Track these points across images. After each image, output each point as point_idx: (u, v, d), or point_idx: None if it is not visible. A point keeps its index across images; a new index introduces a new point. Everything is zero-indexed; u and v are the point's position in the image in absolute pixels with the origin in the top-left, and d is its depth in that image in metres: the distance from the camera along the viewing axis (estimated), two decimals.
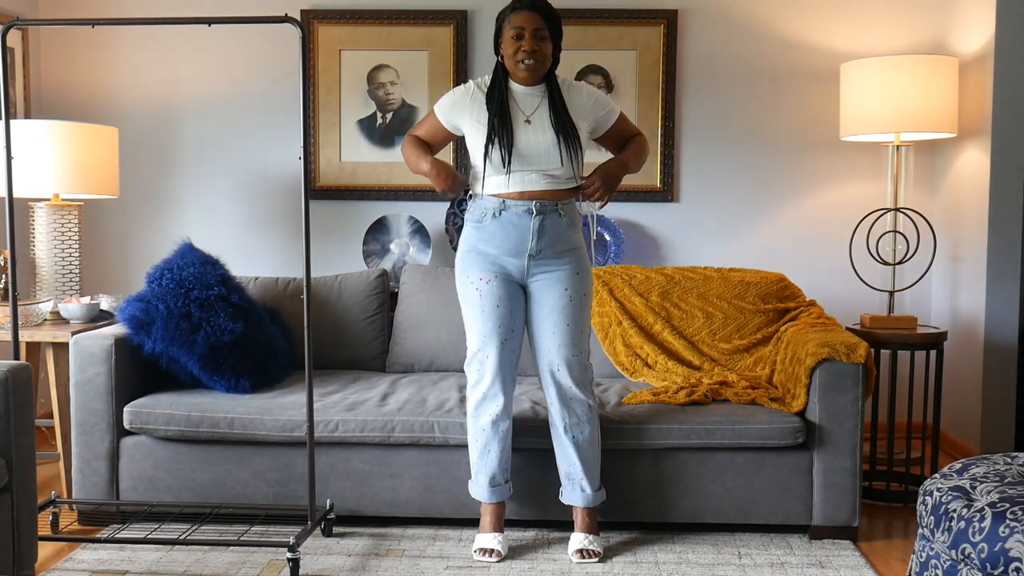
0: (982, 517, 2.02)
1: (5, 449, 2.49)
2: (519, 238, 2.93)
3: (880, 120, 3.73)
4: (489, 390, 2.97)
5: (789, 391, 3.25)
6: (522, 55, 2.89)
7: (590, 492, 3.01)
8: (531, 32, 2.88)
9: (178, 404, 3.21)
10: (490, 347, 2.95)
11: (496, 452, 3.00)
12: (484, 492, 3.04)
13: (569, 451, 2.99)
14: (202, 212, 4.56)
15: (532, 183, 2.92)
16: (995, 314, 3.92)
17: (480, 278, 2.96)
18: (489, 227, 2.95)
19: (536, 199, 2.92)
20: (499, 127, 2.90)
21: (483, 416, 2.99)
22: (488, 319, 2.95)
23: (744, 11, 4.41)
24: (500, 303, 2.95)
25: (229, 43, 4.49)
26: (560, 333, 2.95)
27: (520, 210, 2.92)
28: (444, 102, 3.05)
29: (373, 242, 4.39)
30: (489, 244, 2.96)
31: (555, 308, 2.95)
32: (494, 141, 2.90)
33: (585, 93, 3.02)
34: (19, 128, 3.64)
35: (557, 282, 2.96)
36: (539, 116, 2.94)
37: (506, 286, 2.96)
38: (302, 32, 2.85)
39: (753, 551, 3.08)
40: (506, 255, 2.95)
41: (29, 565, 2.59)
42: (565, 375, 2.95)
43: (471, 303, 2.98)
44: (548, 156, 2.91)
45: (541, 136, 2.91)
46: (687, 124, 4.46)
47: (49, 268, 3.75)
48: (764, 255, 4.45)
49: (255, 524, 3.21)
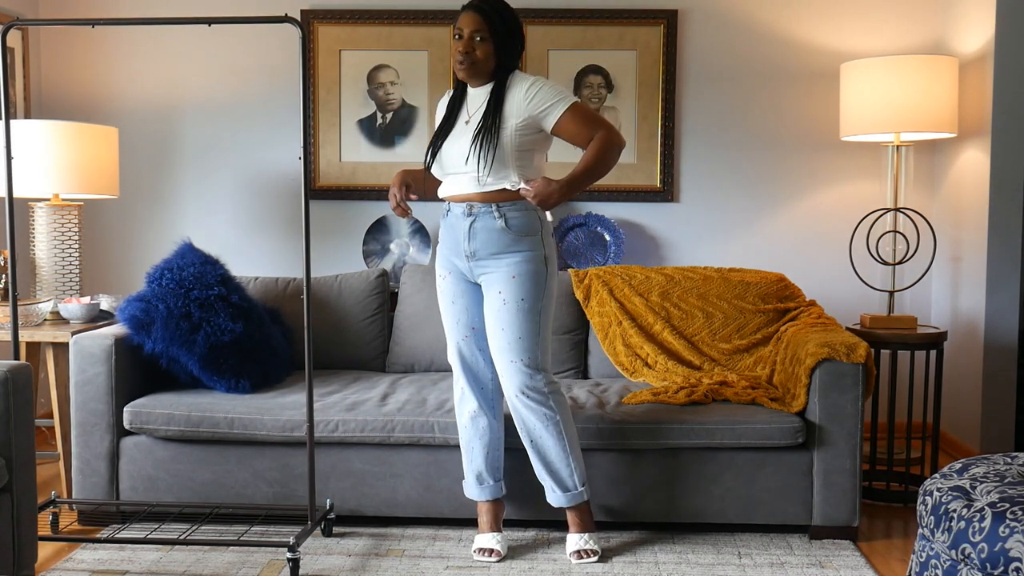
0: (982, 517, 2.02)
1: (5, 449, 2.49)
2: (456, 239, 2.97)
3: (880, 120, 3.73)
4: (463, 387, 3.04)
5: (789, 391, 3.25)
6: (457, 56, 2.90)
7: (560, 492, 2.98)
8: (468, 34, 2.87)
9: (178, 404, 3.21)
10: (452, 343, 3.04)
11: (479, 449, 3.01)
12: (472, 490, 3.05)
13: (531, 456, 2.98)
14: (202, 212, 4.56)
15: (463, 186, 2.93)
16: (995, 314, 3.92)
17: (440, 275, 3.06)
18: (442, 228, 3.04)
19: (467, 201, 2.94)
20: (437, 131, 3.00)
21: (463, 414, 3.05)
22: (448, 314, 3.05)
23: (744, 11, 4.41)
24: (455, 299, 3.02)
25: (229, 43, 4.49)
26: (495, 337, 2.92)
27: (457, 212, 2.96)
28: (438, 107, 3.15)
29: (373, 242, 4.39)
30: (443, 244, 3.04)
31: (490, 311, 2.94)
32: (430, 146, 3.00)
33: (525, 89, 2.86)
34: (19, 128, 3.64)
35: (492, 284, 2.94)
36: (476, 117, 2.93)
37: (460, 283, 3.02)
38: (302, 32, 2.85)
39: (753, 551, 3.08)
40: (452, 255, 3.01)
41: (29, 565, 2.59)
42: (507, 381, 2.93)
43: (439, 299, 3.09)
44: (459, 159, 2.91)
45: (463, 140, 2.91)
46: (687, 124, 4.46)
47: (49, 268, 3.75)
48: (764, 255, 4.44)
49: (255, 524, 3.21)
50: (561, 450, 2.95)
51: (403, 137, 4.48)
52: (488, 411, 3.02)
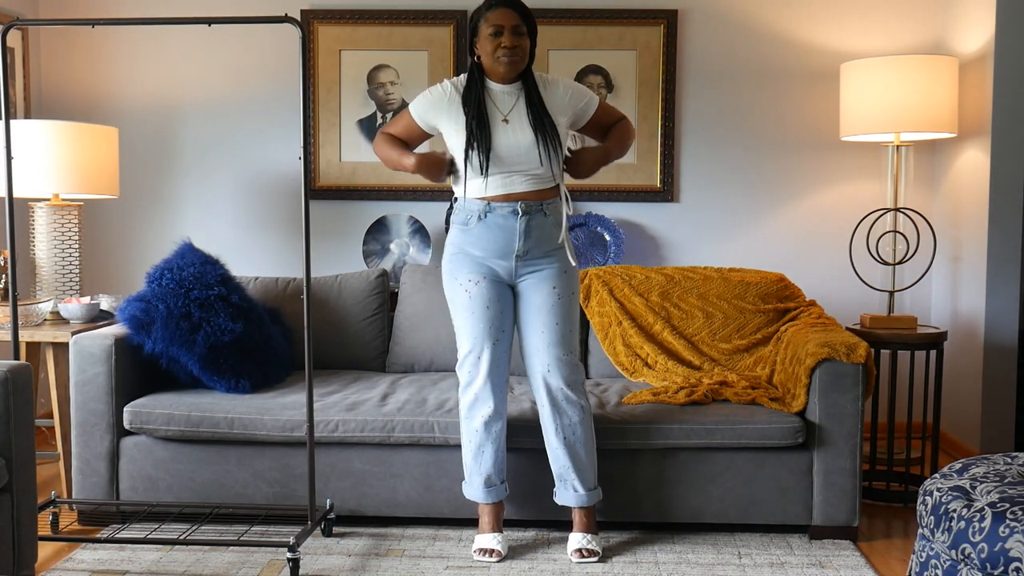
0: (982, 517, 2.02)
1: (5, 449, 2.49)
2: (506, 240, 2.93)
3: (880, 120, 3.73)
4: (481, 391, 2.96)
5: (789, 391, 3.25)
6: (502, 52, 2.86)
7: (583, 492, 3.00)
8: (510, 28, 2.86)
9: (178, 404, 3.21)
10: (481, 349, 2.95)
11: (490, 453, 2.99)
12: (480, 493, 3.03)
13: (560, 452, 2.98)
14: (202, 212, 4.56)
15: (515, 185, 2.91)
16: (995, 314, 3.92)
17: (469, 279, 2.96)
18: (475, 230, 2.94)
19: (521, 200, 2.91)
20: (477, 130, 2.89)
21: (475, 418, 2.98)
22: (479, 320, 2.95)
23: (744, 11, 4.41)
24: (490, 304, 2.95)
25: (229, 43, 4.49)
26: (549, 332, 2.95)
27: (505, 211, 2.91)
28: (420, 102, 3.02)
29: (373, 242, 4.39)
30: (476, 247, 2.95)
31: (543, 307, 2.95)
32: (473, 145, 2.89)
33: (562, 87, 2.99)
34: (19, 128, 3.64)
35: (545, 281, 2.96)
36: (516, 115, 2.92)
37: (495, 287, 2.96)
38: (302, 32, 2.85)
39: (753, 551, 3.08)
40: (494, 257, 2.95)
41: (29, 565, 2.59)
42: (556, 375, 2.94)
43: (461, 305, 2.98)
44: (528, 157, 2.90)
45: (520, 136, 2.89)
46: (687, 124, 4.46)
47: (49, 268, 3.75)
48: (764, 255, 4.45)
49: (255, 524, 3.21)
50: (591, 445, 3.01)
51: None
52: (502, 414, 3.01)
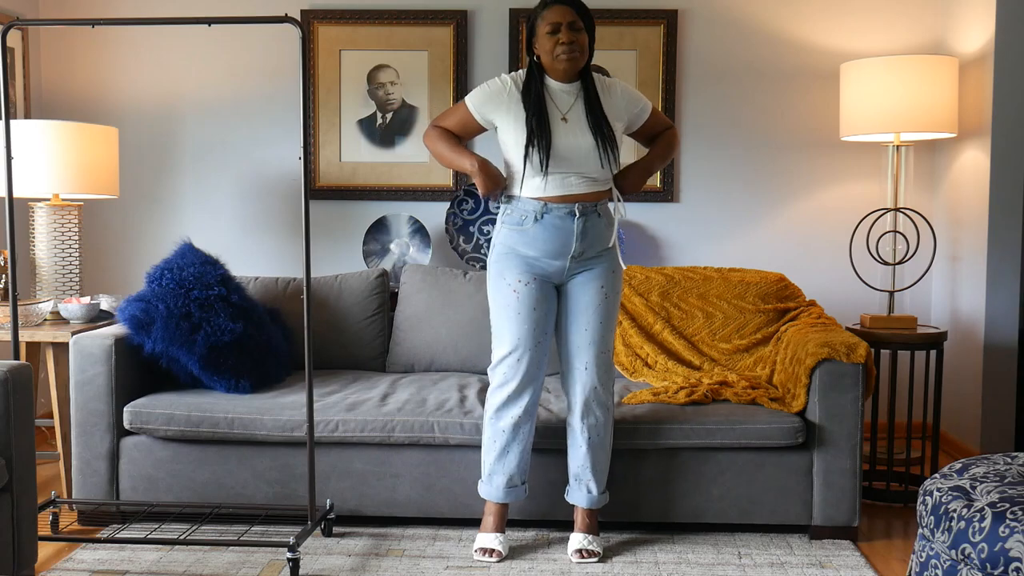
0: (982, 517, 2.02)
1: (5, 449, 2.49)
2: (563, 240, 2.91)
3: (880, 120, 3.73)
4: (515, 393, 2.94)
5: (789, 391, 3.25)
6: (560, 48, 2.84)
7: (596, 494, 3.02)
8: (567, 24, 2.85)
9: (178, 404, 3.21)
10: (525, 349, 2.93)
11: (516, 454, 2.98)
12: (500, 493, 3.01)
13: (582, 451, 2.99)
14: (202, 212, 4.56)
15: (572, 186, 2.89)
16: (995, 314, 3.92)
17: (518, 280, 2.93)
18: (531, 230, 2.91)
19: (578, 201, 2.90)
20: (537, 128, 2.86)
21: (505, 418, 2.96)
22: (525, 321, 2.93)
23: (744, 11, 4.41)
24: (537, 306, 2.93)
25: (229, 43, 4.49)
26: (592, 330, 2.96)
27: (562, 212, 2.89)
28: (478, 95, 2.96)
29: (373, 242, 4.39)
30: (531, 247, 2.93)
31: (590, 305, 2.96)
32: (533, 143, 2.85)
33: (619, 90, 3.00)
34: (19, 128, 3.64)
35: (594, 279, 2.97)
36: (575, 115, 2.91)
37: (543, 288, 2.95)
38: (302, 32, 2.85)
39: (753, 551, 3.08)
40: (548, 257, 2.93)
41: (29, 565, 2.59)
42: (592, 373, 2.96)
43: (506, 305, 2.95)
44: (587, 159, 2.89)
45: (580, 138, 2.88)
46: (687, 124, 4.46)
47: (49, 268, 3.75)
48: (764, 255, 4.45)
49: (255, 524, 3.21)
50: (609, 448, 3.04)
51: (403, 137, 4.48)
52: (532, 417, 3.00)
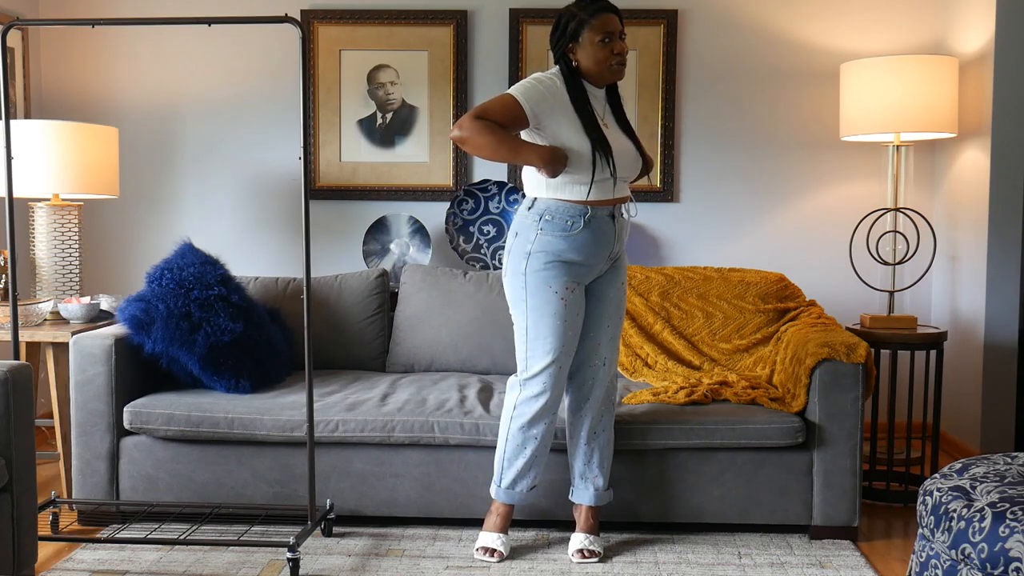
0: (982, 517, 2.02)
1: (5, 449, 2.49)
2: (607, 242, 2.92)
3: (880, 120, 3.73)
4: (554, 401, 2.91)
5: (789, 391, 3.25)
6: (616, 59, 2.83)
7: (602, 491, 3.03)
8: (618, 35, 2.84)
9: (178, 404, 3.21)
10: (566, 356, 2.90)
11: (543, 459, 2.99)
12: (515, 495, 3.00)
13: (592, 447, 3.00)
14: (202, 212, 4.56)
15: (612, 189, 2.88)
16: (995, 314, 3.92)
17: (567, 287, 2.87)
18: (580, 236, 2.86)
19: (615, 203, 2.92)
20: (596, 135, 2.81)
21: (538, 426, 2.92)
22: (569, 328, 2.89)
23: (744, 11, 4.41)
24: (580, 312, 2.92)
25: (229, 43, 4.49)
26: (614, 326, 3.00)
27: (604, 215, 2.89)
28: (531, 92, 2.81)
29: (373, 242, 4.39)
30: (579, 252, 2.87)
31: (613, 301, 3.00)
32: (599, 151, 2.80)
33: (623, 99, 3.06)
34: (19, 128, 3.64)
35: (616, 277, 3.01)
36: (610, 120, 2.93)
37: (582, 292, 2.94)
38: (302, 32, 2.85)
39: (753, 551, 3.08)
40: (592, 260, 2.91)
41: (29, 565, 2.59)
42: (609, 369, 3.00)
43: (553, 313, 2.86)
44: (633, 163, 2.93)
45: (624, 142, 2.90)
46: (687, 124, 4.46)
47: (49, 268, 3.75)
48: (764, 255, 4.45)
49: (255, 524, 3.21)
50: (612, 445, 3.06)
51: (403, 137, 4.48)
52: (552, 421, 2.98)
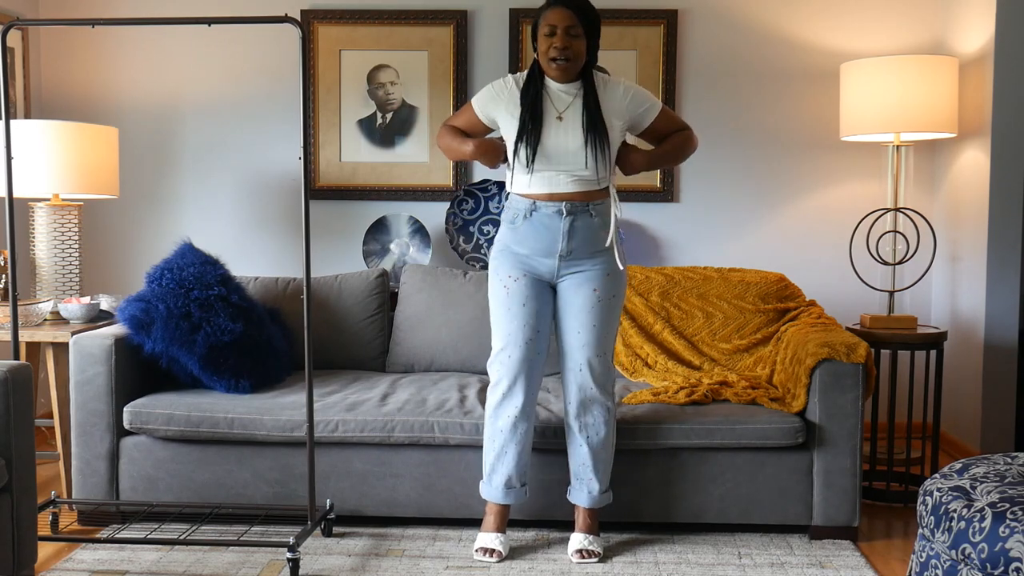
0: (982, 517, 2.02)
1: (5, 449, 2.49)
2: (550, 239, 2.92)
3: (880, 120, 3.73)
4: (509, 390, 2.95)
5: (789, 391, 3.25)
6: (553, 52, 2.86)
7: (597, 494, 3.01)
8: (563, 29, 2.85)
9: (178, 404, 3.21)
10: (514, 346, 2.94)
11: (513, 455, 2.98)
12: (498, 494, 3.01)
13: (582, 451, 2.99)
14: (202, 212, 4.56)
15: (561, 184, 2.90)
16: (995, 314, 3.92)
17: (509, 276, 2.96)
18: (521, 228, 2.94)
19: (566, 200, 2.91)
20: (529, 124, 2.88)
21: (501, 417, 2.97)
22: (514, 317, 2.94)
23: (744, 11, 4.41)
24: (527, 302, 2.94)
25: (229, 43, 4.49)
26: (585, 332, 2.95)
27: (550, 211, 2.91)
28: (483, 94, 3.01)
29: (373, 242, 4.39)
30: (521, 245, 2.95)
31: (583, 308, 2.96)
32: (523, 139, 2.89)
33: (622, 89, 2.97)
34: (19, 128, 3.63)
35: (587, 282, 2.96)
36: (571, 114, 2.91)
37: (534, 285, 2.96)
38: (302, 32, 2.85)
39: (753, 551, 3.08)
40: (537, 256, 2.94)
41: (29, 565, 2.59)
42: (587, 375, 2.95)
43: (499, 301, 2.98)
44: (575, 158, 2.89)
45: (571, 137, 2.89)
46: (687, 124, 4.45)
47: (49, 268, 3.75)
48: (764, 255, 4.45)
49: (255, 524, 3.21)
50: (611, 449, 3.04)
51: (403, 137, 4.48)
52: (529, 416, 2.99)
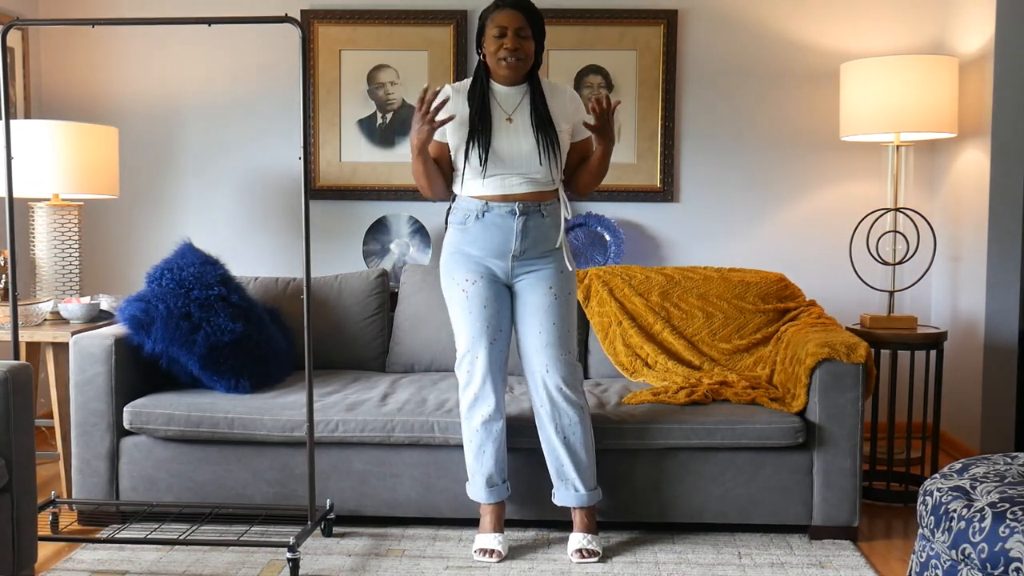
0: (982, 517, 2.02)
1: (5, 449, 2.49)
2: (503, 239, 2.93)
3: (880, 120, 3.73)
4: (480, 391, 2.97)
5: (789, 391, 3.25)
6: (504, 53, 2.88)
7: (583, 492, 3.00)
8: (513, 31, 2.88)
9: (178, 404, 3.21)
10: (479, 348, 2.96)
11: (491, 453, 2.99)
12: (482, 493, 3.03)
13: (560, 452, 2.98)
14: (202, 212, 4.56)
15: (513, 186, 2.92)
16: (995, 314, 3.92)
17: (466, 279, 2.97)
18: (472, 229, 2.95)
19: (519, 200, 2.92)
20: (479, 127, 2.90)
21: (475, 417, 2.99)
22: (476, 320, 2.96)
23: (744, 11, 4.41)
24: (487, 303, 2.96)
25: (229, 43, 4.49)
26: (546, 332, 2.95)
27: (503, 211, 2.92)
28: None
29: (373, 242, 4.39)
30: (473, 246, 2.96)
31: (540, 307, 2.96)
32: (474, 141, 2.90)
33: (568, 96, 3.01)
34: (19, 128, 3.64)
35: (541, 281, 2.97)
36: (520, 115, 2.93)
37: (492, 286, 2.97)
38: (302, 32, 2.85)
39: (753, 551, 3.08)
40: (490, 256, 2.96)
41: (29, 565, 2.59)
42: (554, 375, 2.95)
43: (458, 304, 2.99)
44: (528, 159, 2.91)
45: (523, 139, 2.91)
46: (687, 124, 4.46)
47: (49, 268, 3.75)
48: (764, 255, 4.45)
49: (255, 524, 3.21)
50: (590, 445, 3.01)
51: (403, 137, 4.48)
52: (503, 413, 3.01)
